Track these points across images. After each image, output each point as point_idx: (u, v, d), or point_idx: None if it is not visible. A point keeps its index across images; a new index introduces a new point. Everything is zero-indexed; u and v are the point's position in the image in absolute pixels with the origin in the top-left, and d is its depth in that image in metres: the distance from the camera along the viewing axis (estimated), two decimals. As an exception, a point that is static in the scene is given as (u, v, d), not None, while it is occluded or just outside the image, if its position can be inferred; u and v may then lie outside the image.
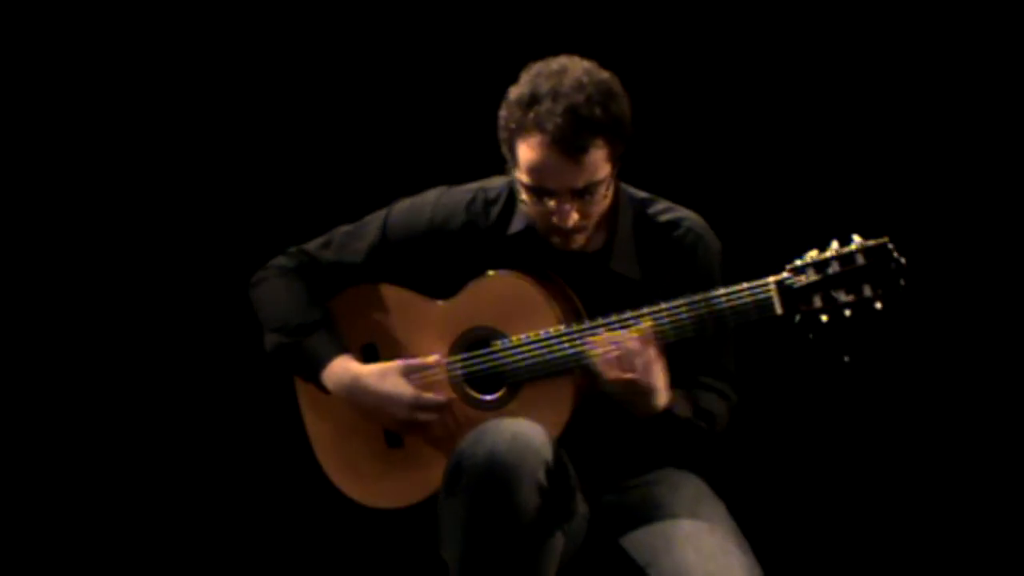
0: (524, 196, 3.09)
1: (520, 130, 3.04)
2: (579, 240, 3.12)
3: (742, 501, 3.23)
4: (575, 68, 3.06)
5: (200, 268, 4.26)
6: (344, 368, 3.22)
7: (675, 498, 3.14)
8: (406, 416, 3.17)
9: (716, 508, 3.15)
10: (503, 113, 3.08)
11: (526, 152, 3.04)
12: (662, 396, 3.03)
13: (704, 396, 3.17)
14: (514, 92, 3.07)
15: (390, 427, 3.21)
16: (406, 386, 3.18)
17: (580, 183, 3.03)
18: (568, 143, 3.00)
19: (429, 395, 3.18)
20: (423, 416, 3.17)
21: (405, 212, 3.27)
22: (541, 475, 2.92)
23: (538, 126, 3.01)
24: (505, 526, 2.90)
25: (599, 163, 3.04)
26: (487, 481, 2.89)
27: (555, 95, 3.01)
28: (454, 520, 2.94)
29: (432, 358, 3.19)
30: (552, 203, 3.06)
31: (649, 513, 3.12)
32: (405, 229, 3.25)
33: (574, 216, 3.06)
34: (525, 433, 2.94)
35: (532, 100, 3.02)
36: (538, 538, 2.93)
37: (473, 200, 3.24)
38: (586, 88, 3.02)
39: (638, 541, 3.09)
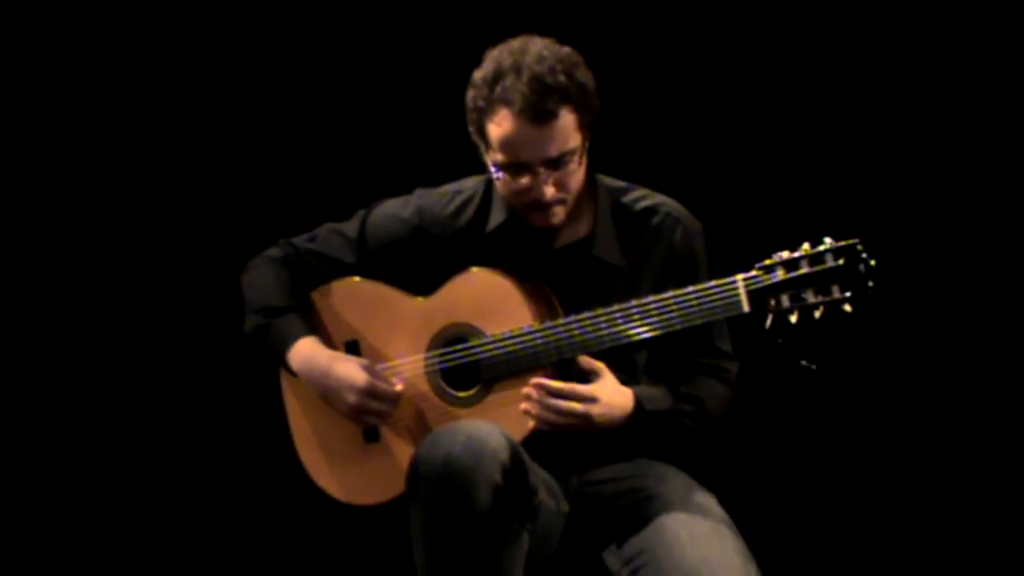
0: (499, 175, 3.12)
1: (488, 108, 3.08)
2: (559, 214, 3.13)
3: (728, 498, 3.20)
4: (535, 44, 3.12)
5: (185, 266, 4.28)
6: (308, 348, 3.26)
7: (664, 488, 3.13)
8: (356, 402, 3.19)
9: (707, 498, 3.15)
10: (469, 95, 3.13)
11: (496, 128, 3.08)
12: (612, 415, 3.06)
13: (692, 380, 3.19)
14: (478, 74, 3.12)
15: (342, 414, 3.23)
16: (361, 373, 3.20)
17: (553, 151, 3.07)
18: (537, 111, 3.04)
19: (383, 385, 3.19)
20: (373, 404, 3.19)
21: (384, 214, 3.31)
22: (498, 476, 2.91)
23: (505, 100, 3.06)
24: (464, 529, 2.90)
25: (569, 130, 3.08)
26: (443, 485, 2.90)
27: (518, 69, 3.06)
28: (416, 525, 2.95)
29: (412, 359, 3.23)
30: (527, 179, 3.09)
31: (639, 503, 3.11)
32: (384, 230, 3.29)
33: (551, 189, 3.09)
34: (480, 435, 2.93)
35: (496, 77, 3.07)
36: (499, 539, 2.93)
37: (450, 200, 3.27)
38: (548, 59, 3.08)
39: (629, 528, 3.08)
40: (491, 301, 3.16)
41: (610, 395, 3.08)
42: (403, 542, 3.10)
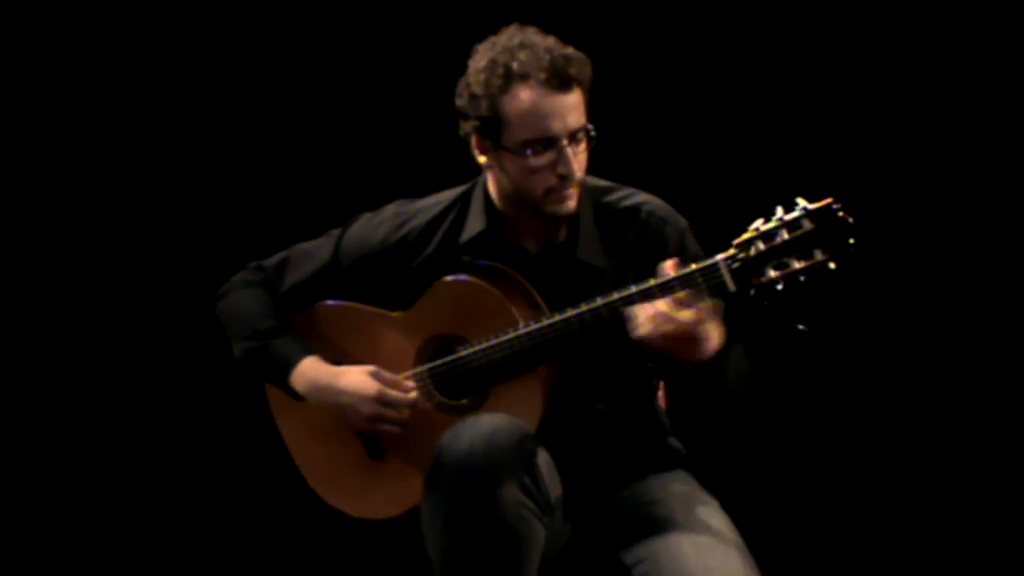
0: (517, 163, 3.05)
1: (506, 87, 3.04)
2: (574, 197, 3.09)
3: (731, 498, 3.20)
4: (526, 30, 3.10)
5: (182, 271, 4.30)
6: (312, 368, 3.24)
7: (666, 494, 3.13)
8: (372, 411, 3.17)
9: (708, 503, 3.14)
10: (476, 81, 3.07)
11: (518, 104, 3.04)
12: (703, 349, 2.96)
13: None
14: (480, 63, 3.08)
15: (359, 427, 3.21)
16: (372, 382, 3.18)
17: (575, 122, 3.05)
18: (561, 77, 3.03)
19: (395, 391, 3.18)
20: (389, 413, 3.17)
21: (360, 230, 3.28)
22: (520, 470, 2.92)
23: (526, 73, 3.03)
24: (485, 522, 2.90)
25: (582, 104, 3.07)
26: (467, 478, 2.90)
27: (527, 46, 3.05)
28: (436, 516, 2.95)
29: (402, 376, 3.21)
30: (551, 156, 3.04)
31: (642, 509, 3.11)
32: (360, 248, 3.26)
33: (576, 164, 3.05)
34: (504, 428, 2.94)
35: (508, 57, 3.05)
36: (518, 533, 2.92)
37: (426, 213, 3.24)
38: (548, 38, 3.08)
39: (633, 532, 3.08)
40: (469, 307, 3.14)
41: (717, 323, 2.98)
42: (409, 541, 3.12)
